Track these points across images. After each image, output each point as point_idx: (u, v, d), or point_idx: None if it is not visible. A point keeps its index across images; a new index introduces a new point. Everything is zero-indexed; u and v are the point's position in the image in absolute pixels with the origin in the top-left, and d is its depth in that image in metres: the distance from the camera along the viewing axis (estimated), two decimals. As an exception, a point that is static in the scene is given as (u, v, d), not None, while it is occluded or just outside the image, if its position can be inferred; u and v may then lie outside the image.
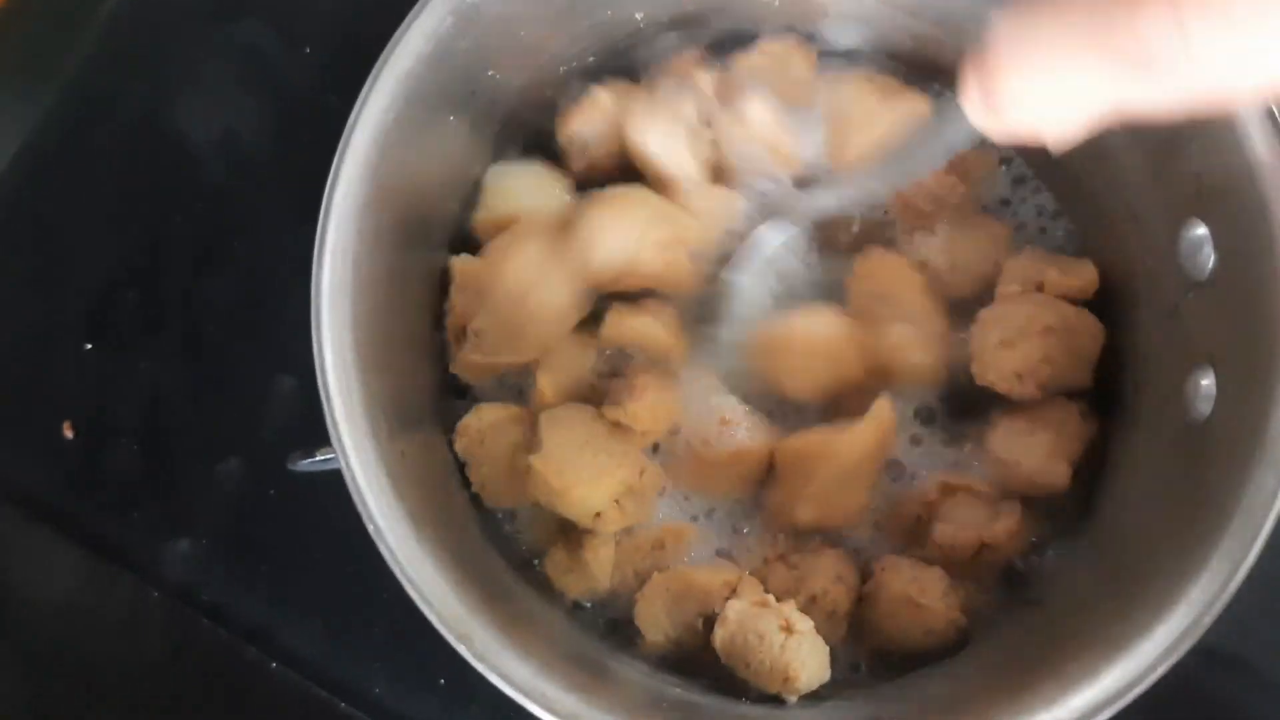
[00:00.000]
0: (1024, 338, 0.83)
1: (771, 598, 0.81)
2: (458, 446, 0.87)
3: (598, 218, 0.85)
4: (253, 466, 1.00)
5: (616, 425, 0.83)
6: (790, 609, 0.79)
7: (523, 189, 0.90)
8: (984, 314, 0.85)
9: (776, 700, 0.78)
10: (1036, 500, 0.84)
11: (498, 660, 0.67)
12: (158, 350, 1.04)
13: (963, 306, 0.88)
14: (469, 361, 0.87)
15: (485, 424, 0.86)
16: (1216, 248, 0.74)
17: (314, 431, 0.72)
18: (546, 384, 0.86)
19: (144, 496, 1.01)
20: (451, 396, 0.90)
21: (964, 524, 0.82)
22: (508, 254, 0.85)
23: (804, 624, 0.79)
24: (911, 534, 0.85)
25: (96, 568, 0.99)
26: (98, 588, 0.99)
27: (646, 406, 0.82)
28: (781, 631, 0.78)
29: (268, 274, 1.03)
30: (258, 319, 1.03)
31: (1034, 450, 0.83)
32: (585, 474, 0.80)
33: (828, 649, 0.80)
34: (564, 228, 0.85)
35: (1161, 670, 0.65)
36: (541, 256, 0.85)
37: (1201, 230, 0.75)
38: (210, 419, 1.02)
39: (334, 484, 0.71)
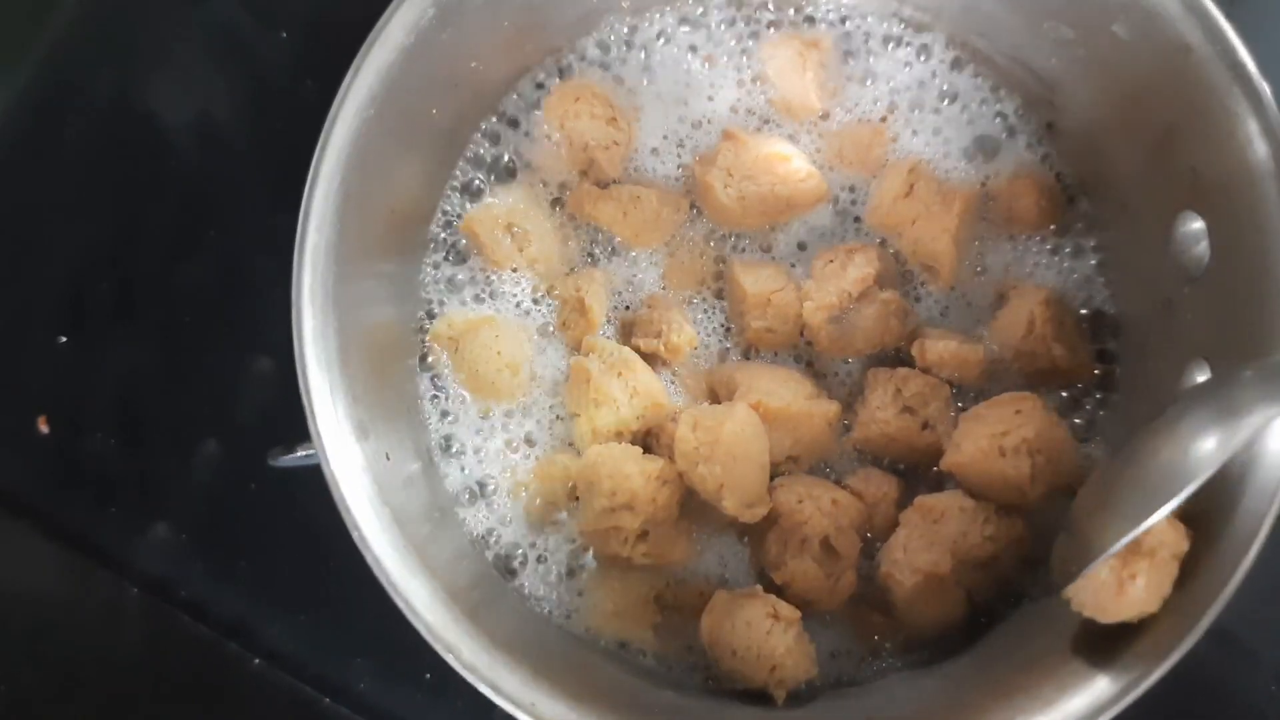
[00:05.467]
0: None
1: (759, 587, 0.80)
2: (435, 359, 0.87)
3: None
4: (232, 455, 0.99)
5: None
6: (778, 599, 0.79)
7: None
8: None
9: (766, 702, 0.78)
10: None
11: (486, 670, 0.66)
12: (132, 340, 1.02)
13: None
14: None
15: (457, 330, 0.87)
16: (1212, 242, 0.74)
17: (292, 414, 0.71)
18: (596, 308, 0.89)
19: (121, 491, 0.99)
20: (436, 394, 0.89)
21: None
22: None
23: (791, 613, 0.79)
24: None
25: (74, 564, 0.97)
26: (75, 584, 0.98)
27: (685, 338, 0.86)
28: (768, 619, 0.78)
29: (243, 259, 1.01)
30: (233, 304, 1.01)
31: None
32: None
33: (813, 645, 0.80)
34: None
35: (1157, 675, 0.64)
36: None
37: (1198, 224, 0.75)
38: (187, 408, 1.00)
39: (314, 477, 0.70)
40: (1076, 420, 0.87)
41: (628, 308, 0.91)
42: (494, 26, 0.80)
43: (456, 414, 0.87)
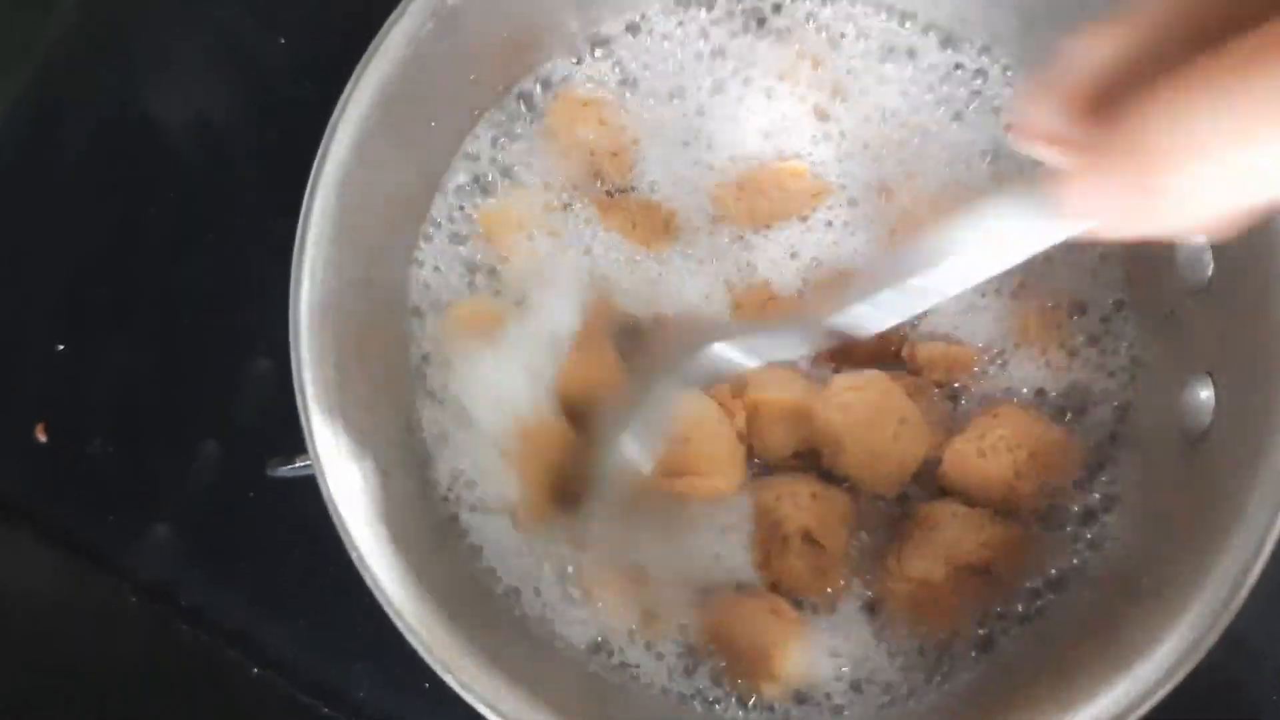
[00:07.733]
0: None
1: (761, 587, 0.80)
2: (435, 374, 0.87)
3: None
4: (231, 459, 0.98)
5: None
6: (779, 598, 0.79)
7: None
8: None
9: (766, 708, 0.78)
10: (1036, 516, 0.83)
11: (485, 689, 0.66)
12: (131, 347, 1.01)
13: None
14: None
15: (460, 338, 0.87)
16: (1216, 254, 0.73)
17: (292, 418, 0.70)
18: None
19: (120, 498, 0.99)
20: (436, 409, 0.88)
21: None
22: None
23: (791, 613, 0.79)
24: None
25: (72, 570, 0.97)
26: (73, 590, 0.97)
27: None
28: (768, 619, 0.78)
29: (242, 261, 1.00)
30: (232, 307, 1.00)
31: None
32: None
33: (813, 651, 0.79)
34: None
35: (1162, 694, 0.64)
36: None
37: (1200, 236, 0.74)
38: (186, 412, 1.00)
39: (314, 483, 0.70)
40: (1075, 431, 0.86)
41: (635, 313, 0.90)
42: (494, 37, 0.79)
43: (456, 428, 0.87)
